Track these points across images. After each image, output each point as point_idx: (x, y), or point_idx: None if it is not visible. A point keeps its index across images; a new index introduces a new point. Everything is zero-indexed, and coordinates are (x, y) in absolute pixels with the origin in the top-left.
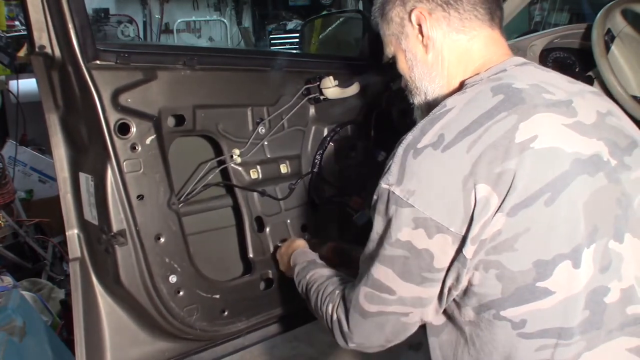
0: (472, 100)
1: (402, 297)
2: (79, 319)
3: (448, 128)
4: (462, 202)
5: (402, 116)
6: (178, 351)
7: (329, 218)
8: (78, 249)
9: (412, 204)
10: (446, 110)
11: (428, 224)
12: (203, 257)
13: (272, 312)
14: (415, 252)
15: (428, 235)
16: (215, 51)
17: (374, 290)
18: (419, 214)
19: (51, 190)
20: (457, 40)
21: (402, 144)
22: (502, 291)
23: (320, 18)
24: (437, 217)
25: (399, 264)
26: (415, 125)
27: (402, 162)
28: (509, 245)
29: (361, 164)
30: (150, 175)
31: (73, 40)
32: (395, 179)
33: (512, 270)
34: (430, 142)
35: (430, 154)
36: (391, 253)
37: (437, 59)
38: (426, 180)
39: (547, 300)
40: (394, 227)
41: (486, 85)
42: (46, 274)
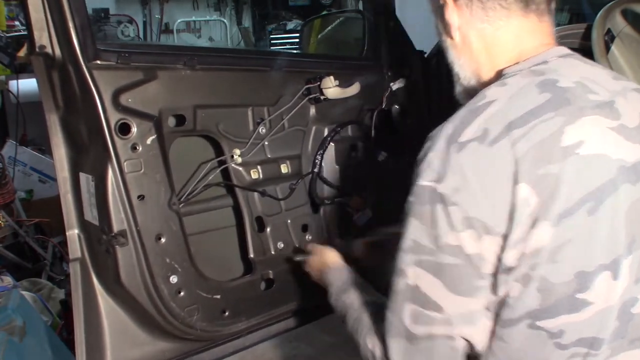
0: (517, 96)
1: (451, 315)
2: (79, 319)
3: (492, 121)
4: (506, 202)
5: (402, 116)
6: (178, 351)
7: (329, 218)
8: (78, 249)
9: (458, 203)
10: (488, 102)
11: (475, 224)
12: (204, 258)
13: (272, 312)
14: (466, 258)
15: (477, 237)
16: (215, 51)
17: (420, 307)
18: (466, 213)
19: (51, 190)
20: (482, 29)
21: (441, 136)
22: (541, 303)
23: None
24: (484, 216)
25: (449, 273)
26: (454, 116)
27: (444, 157)
28: (552, 257)
29: (361, 164)
30: (150, 176)
31: (73, 40)
32: (437, 176)
33: (553, 283)
34: (474, 136)
35: (475, 148)
36: (440, 260)
37: (463, 46)
38: (472, 176)
39: (585, 311)
40: (442, 230)
41: (529, 78)
42: (46, 274)
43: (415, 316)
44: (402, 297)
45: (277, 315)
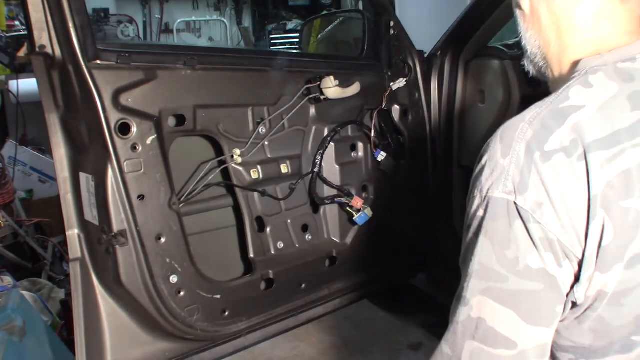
0: (607, 107)
1: (524, 350)
2: (79, 319)
3: (581, 133)
4: (584, 228)
5: (402, 116)
6: (179, 351)
7: (329, 218)
8: (78, 249)
9: (539, 221)
10: (575, 107)
11: (556, 247)
12: (204, 258)
13: (272, 312)
14: (550, 280)
15: (557, 262)
16: (215, 51)
17: (485, 345)
18: (548, 233)
19: (51, 190)
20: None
21: (518, 139)
22: (592, 343)
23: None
24: (565, 239)
25: (528, 301)
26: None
27: (525, 166)
28: (617, 299)
29: (361, 164)
30: (151, 175)
31: (74, 39)
32: (516, 187)
33: (611, 325)
34: (561, 147)
35: (562, 162)
36: (518, 287)
37: (532, 18)
38: (556, 193)
39: (635, 352)
40: (522, 251)
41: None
42: (46, 274)
43: (477, 356)
44: (462, 331)
45: (277, 315)
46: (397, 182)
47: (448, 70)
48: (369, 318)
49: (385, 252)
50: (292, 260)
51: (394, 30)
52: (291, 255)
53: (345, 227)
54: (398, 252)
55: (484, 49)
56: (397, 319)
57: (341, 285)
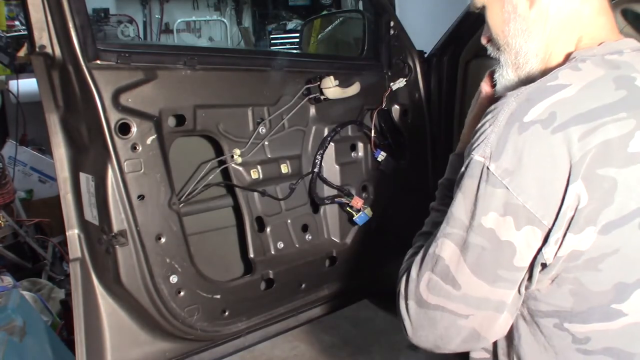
0: (592, 86)
1: (466, 294)
2: (79, 319)
3: (562, 107)
4: (557, 196)
5: (403, 116)
6: (179, 351)
7: (329, 218)
8: (78, 249)
9: (507, 186)
10: (560, 85)
11: (519, 212)
12: (204, 257)
13: (272, 312)
14: (496, 243)
15: (516, 225)
16: (215, 51)
17: (439, 278)
18: (512, 199)
19: (51, 190)
20: (570, 2)
21: (503, 111)
22: (573, 306)
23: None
24: (531, 205)
25: (474, 254)
26: (518, 90)
27: (503, 134)
28: (594, 265)
29: (361, 164)
30: (151, 175)
31: (74, 39)
32: (491, 153)
33: (590, 290)
34: (539, 118)
35: (538, 132)
36: (469, 239)
37: (540, 17)
38: (528, 161)
39: (617, 321)
40: (480, 210)
41: (605, 70)
42: (46, 274)
43: (431, 285)
44: (426, 262)
45: (277, 315)
46: (397, 182)
47: (448, 70)
48: (369, 318)
49: (385, 252)
50: (292, 260)
51: (394, 30)
52: (291, 255)
53: (345, 227)
54: (398, 252)
55: (484, 49)
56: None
57: (341, 285)
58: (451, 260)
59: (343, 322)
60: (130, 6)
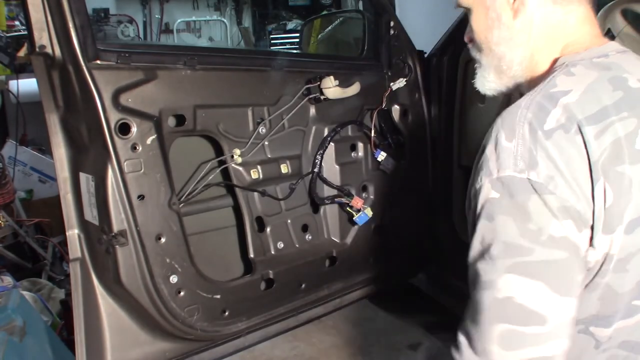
0: (592, 89)
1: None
2: (79, 319)
3: (572, 112)
4: (592, 193)
5: (403, 116)
6: (179, 351)
7: (329, 218)
8: (78, 249)
9: (554, 191)
10: (562, 91)
11: (574, 214)
12: (204, 257)
13: (272, 312)
14: (573, 248)
15: (577, 227)
16: (215, 51)
17: (515, 325)
18: (564, 202)
19: (51, 190)
20: (553, 12)
21: (520, 122)
22: (599, 311)
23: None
24: (580, 207)
25: (556, 270)
26: (523, 100)
27: (531, 145)
28: (622, 266)
29: (361, 164)
30: (151, 175)
31: (74, 39)
32: (527, 164)
33: (617, 292)
34: (558, 124)
35: (562, 137)
36: (544, 257)
37: (524, 27)
38: (562, 164)
39: (635, 317)
40: (544, 221)
41: (597, 72)
42: (46, 274)
43: (507, 339)
44: (488, 317)
45: (277, 315)
46: (397, 182)
47: (448, 70)
48: (369, 318)
49: (385, 252)
50: (292, 260)
51: (394, 30)
52: (291, 255)
53: (345, 227)
54: (398, 252)
55: None
56: (397, 319)
57: (341, 285)
58: (525, 294)
59: (343, 322)
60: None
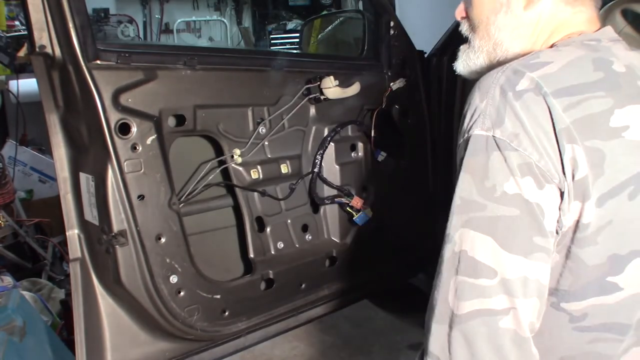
0: (572, 65)
1: (504, 279)
2: (79, 319)
3: (546, 80)
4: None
5: (402, 116)
6: (179, 351)
7: (329, 218)
8: (78, 249)
9: (517, 148)
10: (542, 62)
11: (535, 171)
12: (204, 257)
13: (272, 312)
14: (525, 207)
15: (537, 184)
16: (215, 51)
17: (467, 277)
18: (527, 159)
19: (51, 190)
20: (563, 11)
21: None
22: (570, 284)
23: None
24: (543, 164)
25: (504, 226)
26: (502, 68)
27: (500, 104)
28: (593, 238)
29: (361, 164)
30: (151, 175)
31: (74, 39)
32: (493, 123)
33: (587, 265)
34: (529, 87)
35: (532, 98)
36: (494, 213)
37: (533, 21)
38: (530, 123)
39: (613, 295)
40: (499, 179)
41: (584, 51)
42: (46, 274)
43: (460, 290)
44: (447, 269)
45: (277, 315)
46: (397, 182)
47: (448, 70)
48: (369, 318)
49: (385, 252)
50: (292, 260)
51: (394, 30)
52: (291, 255)
53: (345, 227)
54: (398, 252)
55: None
56: (397, 319)
57: (341, 285)
58: (476, 247)
59: (343, 322)
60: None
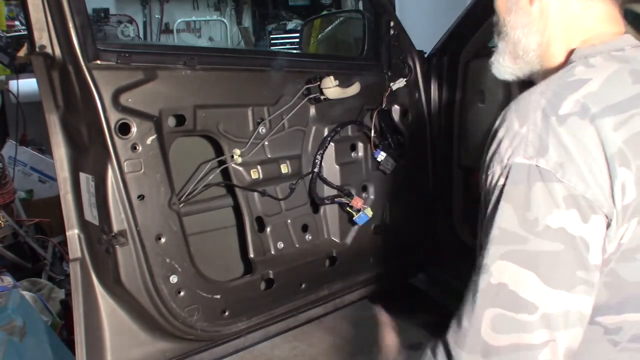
0: (612, 80)
1: (546, 314)
2: (79, 319)
3: (591, 100)
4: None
5: (403, 116)
6: (178, 351)
7: (329, 218)
8: (78, 249)
9: (562, 179)
10: (581, 79)
11: (581, 203)
12: (204, 257)
13: (272, 312)
14: (569, 241)
15: (582, 218)
16: (215, 51)
17: (506, 310)
18: (572, 190)
19: (51, 190)
20: (570, 3)
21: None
22: (607, 299)
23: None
24: (590, 194)
25: (547, 262)
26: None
27: (543, 130)
28: (632, 255)
29: (361, 164)
30: (150, 175)
31: (74, 39)
32: (536, 151)
33: (626, 281)
34: (573, 111)
35: (577, 123)
36: (535, 248)
37: (541, 15)
38: (576, 151)
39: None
40: (542, 211)
41: (616, 64)
42: (46, 274)
43: (498, 323)
44: (482, 300)
45: (277, 315)
46: (397, 182)
47: (448, 70)
48: (369, 318)
49: (385, 252)
50: (292, 260)
51: (394, 30)
52: (291, 255)
53: (345, 227)
54: (398, 252)
55: (484, 49)
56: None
57: (341, 285)
58: (517, 282)
59: (343, 322)
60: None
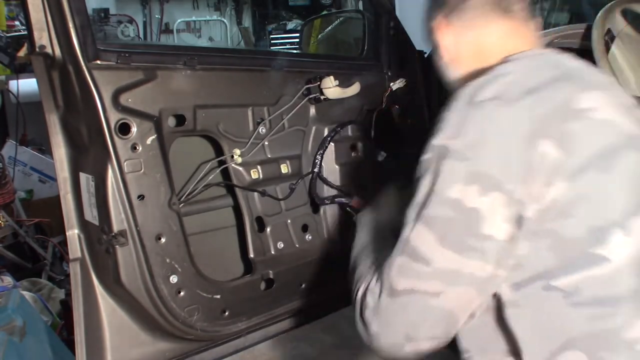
0: (531, 69)
1: (437, 268)
2: (79, 319)
3: (510, 87)
4: (522, 160)
5: (402, 116)
6: (179, 352)
7: (329, 218)
8: (78, 249)
9: (470, 157)
10: (505, 73)
11: (483, 179)
12: (204, 257)
13: (272, 312)
14: (462, 211)
15: (482, 191)
16: (215, 51)
17: (409, 258)
18: (476, 167)
19: (51, 190)
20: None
21: (459, 98)
22: (555, 262)
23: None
24: (495, 171)
25: (441, 225)
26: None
27: (460, 115)
28: (566, 211)
29: (361, 164)
30: (151, 175)
31: (74, 39)
32: (452, 133)
33: (565, 238)
34: (491, 96)
35: (492, 107)
36: (434, 213)
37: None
38: (488, 132)
39: (602, 267)
40: (444, 184)
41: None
42: (46, 274)
43: (401, 269)
44: (396, 249)
45: (277, 315)
46: (397, 182)
47: None
48: None
49: None
50: (292, 260)
51: (394, 30)
52: (291, 255)
53: (345, 227)
54: None
55: None
56: None
57: (341, 286)
58: (418, 238)
59: (343, 322)
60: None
